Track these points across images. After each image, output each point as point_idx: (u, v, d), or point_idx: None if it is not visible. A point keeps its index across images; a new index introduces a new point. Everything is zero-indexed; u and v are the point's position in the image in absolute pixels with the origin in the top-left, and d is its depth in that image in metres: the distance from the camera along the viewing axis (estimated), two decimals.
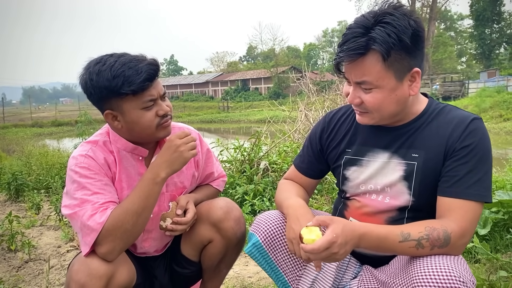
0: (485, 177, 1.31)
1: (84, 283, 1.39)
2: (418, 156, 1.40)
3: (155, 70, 1.50)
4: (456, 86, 33.74)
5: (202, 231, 1.73)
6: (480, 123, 1.36)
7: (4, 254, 3.19)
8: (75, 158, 1.55)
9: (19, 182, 5.07)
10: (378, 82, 1.31)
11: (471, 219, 1.29)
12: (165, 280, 1.82)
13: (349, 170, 1.56)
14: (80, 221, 1.43)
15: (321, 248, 1.22)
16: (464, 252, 2.80)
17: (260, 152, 4.97)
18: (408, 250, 1.28)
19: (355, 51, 1.28)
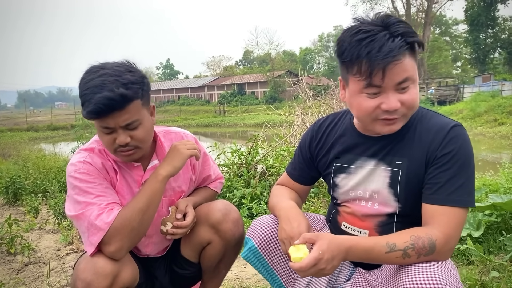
0: (467, 182, 1.34)
1: (90, 281, 1.42)
2: (402, 163, 1.43)
3: (107, 104, 1.41)
4: (451, 91, 33.92)
5: (201, 233, 1.78)
6: (460, 129, 1.38)
7: (3, 257, 3.21)
8: (74, 165, 1.58)
9: (17, 186, 5.10)
10: (415, 75, 1.33)
11: (455, 225, 1.31)
12: (165, 280, 1.86)
13: (339, 178, 1.60)
14: (87, 221, 1.47)
15: (308, 266, 1.26)
16: (458, 254, 2.85)
17: (257, 156, 5.02)
18: (395, 259, 1.31)
19: (399, 51, 1.26)
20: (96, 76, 1.44)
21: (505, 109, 24.13)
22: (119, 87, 1.43)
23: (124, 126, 1.50)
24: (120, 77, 1.46)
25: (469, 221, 3.12)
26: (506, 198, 3.17)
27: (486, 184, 4.11)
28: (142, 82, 1.51)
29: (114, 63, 1.54)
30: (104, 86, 1.42)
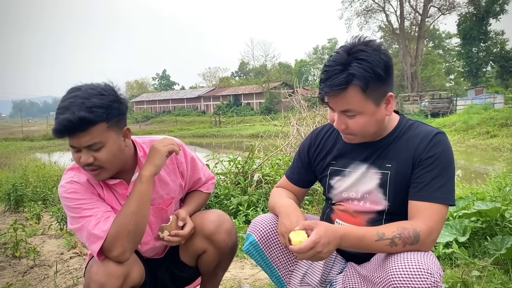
0: (448, 182, 1.52)
1: (103, 282, 1.55)
2: (391, 166, 1.61)
3: (66, 126, 1.48)
4: (445, 103, 34.30)
5: (196, 242, 1.90)
6: (442, 136, 1.58)
7: (9, 261, 3.33)
8: (63, 186, 1.67)
9: (18, 193, 5.20)
10: (360, 109, 1.52)
11: (437, 219, 1.48)
12: (166, 279, 1.99)
13: (334, 180, 1.76)
14: (86, 231, 1.57)
15: (307, 248, 1.41)
16: (444, 258, 3.00)
17: (253, 164, 5.17)
18: (384, 247, 1.47)
19: (338, 87, 1.47)
20: (69, 97, 1.54)
21: (497, 122, 24.43)
22: (81, 110, 1.48)
23: (87, 147, 1.55)
24: (88, 100, 1.52)
25: (455, 227, 3.28)
26: (491, 205, 3.33)
27: (474, 192, 4.28)
28: (109, 106, 1.55)
29: (90, 85, 1.61)
30: (69, 108, 1.49)
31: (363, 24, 44.88)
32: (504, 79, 43.65)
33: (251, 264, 3.11)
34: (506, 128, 23.58)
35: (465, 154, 20.25)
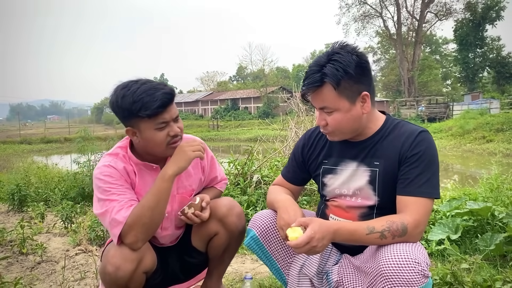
0: (432, 177, 1.64)
1: (119, 265, 1.69)
2: (379, 163, 1.73)
3: (169, 98, 1.76)
4: (441, 108, 34.52)
5: (209, 225, 2.03)
6: (426, 134, 1.70)
7: (16, 257, 3.43)
8: (100, 168, 1.83)
9: (22, 193, 5.31)
10: (335, 106, 1.66)
11: (423, 212, 1.60)
12: (176, 268, 2.11)
13: (326, 178, 1.89)
14: (109, 216, 1.72)
15: (303, 243, 1.53)
16: (437, 254, 3.12)
17: (253, 166, 5.29)
18: (374, 240, 1.59)
19: (313, 84, 1.65)
20: (139, 85, 1.74)
21: (493, 127, 24.62)
22: (165, 86, 1.79)
23: (175, 119, 1.82)
24: (158, 82, 1.82)
25: (448, 225, 3.40)
26: (482, 205, 3.46)
27: (467, 193, 4.41)
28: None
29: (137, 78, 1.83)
30: (156, 88, 1.75)
31: (360, 29, 45.20)
32: (500, 84, 43.96)
33: (251, 259, 3.23)
34: (502, 133, 23.76)
35: (461, 158, 20.39)
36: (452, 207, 3.76)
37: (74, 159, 6.72)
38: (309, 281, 1.84)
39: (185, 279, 2.21)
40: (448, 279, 2.21)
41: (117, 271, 1.70)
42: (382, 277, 1.51)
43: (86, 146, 6.60)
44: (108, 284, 1.78)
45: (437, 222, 3.55)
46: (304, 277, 1.85)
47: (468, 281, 2.16)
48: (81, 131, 6.67)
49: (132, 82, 1.79)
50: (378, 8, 43.34)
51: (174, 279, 2.14)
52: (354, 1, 43.55)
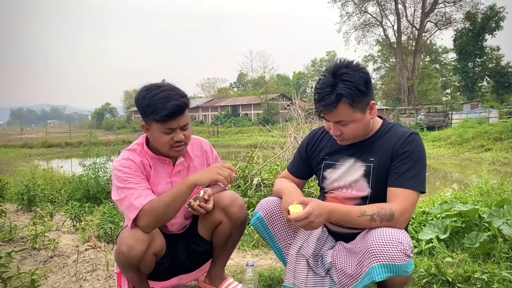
0: (420, 173, 1.88)
1: (132, 245, 1.92)
2: (374, 159, 1.98)
3: (178, 109, 1.97)
4: (440, 117, 34.71)
5: (214, 214, 2.25)
6: (415, 136, 1.95)
7: (29, 252, 3.63)
8: (119, 161, 2.09)
9: (31, 193, 5.50)
10: (351, 119, 1.89)
11: (409, 202, 1.84)
12: (183, 256, 2.32)
13: (327, 172, 2.13)
14: (127, 201, 1.95)
15: (302, 217, 1.77)
16: (426, 252, 3.31)
17: (253, 169, 5.49)
18: (365, 222, 1.83)
19: (330, 105, 1.85)
20: (159, 91, 1.97)
21: (491, 136, 24.82)
22: (180, 98, 2.00)
23: (182, 127, 2.05)
24: (177, 91, 2.03)
25: (438, 226, 3.60)
26: (470, 207, 3.67)
27: (458, 197, 4.62)
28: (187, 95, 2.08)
29: (163, 83, 2.09)
30: (171, 97, 1.97)
31: (361, 37, 45.54)
32: (500, 94, 44.20)
33: (252, 254, 3.43)
34: (500, 142, 23.97)
35: (460, 167, 20.57)
36: (443, 209, 3.96)
37: (79, 162, 6.92)
38: (306, 262, 2.07)
39: (191, 268, 2.42)
40: (432, 271, 2.41)
41: (130, 250, 1.93)
42: (369, 253, 1.74)
43: (91, 150, 6.80)
44: (121, 264, 2.01)
45: (427, 223, 3.75)
46: (302, 257, 2.08)
47: (451, 273, 2.36)
48: (87, 135, 6.86)
49: (155, 86, 2.03)
50: (378, 17, 43.77)
51: (181, 267, 2.35)
52: (355, 10, 44.01)
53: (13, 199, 6.27)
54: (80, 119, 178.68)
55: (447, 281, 2.33)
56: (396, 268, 1.70)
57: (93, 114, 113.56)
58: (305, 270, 2.06)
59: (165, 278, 2.37)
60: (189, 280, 2.54)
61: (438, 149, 25.82)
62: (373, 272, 1.72)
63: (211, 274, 2.42)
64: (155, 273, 2.22)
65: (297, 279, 2.07)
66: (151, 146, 2.17)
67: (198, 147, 2.37)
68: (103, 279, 2.87)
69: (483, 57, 45.02)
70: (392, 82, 57.59)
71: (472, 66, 45.29)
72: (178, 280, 2.46)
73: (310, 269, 2.06)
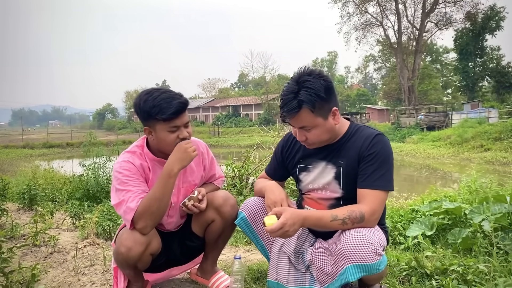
0: (387, 173, 1.99)
1: (131, 247, 2.04)
2: (343, 162, 2.08)
3: (182, 107, 2.09)
4: (440, 117, 34.81)
5: (207, 213, 2.37)
6: (381, 137, 2.05)
7: (30, 248, 3.75)
8: (119, 163, 2.18)
9: (32, 192, 5.64)
10: (313, 124, 1.99)
11: (378, 202, 1.96)
12: (177, 251, 2.44)
13: (302, 175, 2.25)
14: (124, 205, 2.06)
15: (276, 228, 1.87)
16: (413, 248, 3.43)
17: (249, 169, 5.62)
18: (337, 226, 1.94)
19: (292, 111, 1.96)
20: (159, 93, 2.09)
21: (491, 136, 24.92)
22: (181, 97, 2.12)
23: (185, 124, 2.15)
24: (176, 92, 2.15)
25: (425, 223, 3.72)
26: (456, 204, 3.79)
27: (447, 195, 4.73)
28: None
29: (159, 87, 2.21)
30: (173, 97, 2.09)
31: (361, 38, 45.58)
32: (500, 94, 44.22)
33: (243, 250, 3.56)
34: (500, 142, 24.07)
35: (459, 166, 20.65)
36: (431, 207, 4.08)
37: (79, 162, 7.06)
38: (287, 258, 2.19)
39: (184, 262, 2.55)
40: (412, 264, 2.53)
41: (129, 252, 2.04)
42: (342, 255, 1.86)
43: (91, 150, 6.94)
44: (120, 263, 2.13)
45: (415, 220, 3.87)
46: (283, 254, 2.20)
47: (429, 266, 2.48)
48: (87, 135, 6.99)
49: (155, 90, 2.14)
50: (378, 17, 43.82)
51: (175, 261, 2.48)
52: (355, 10, 44.07)
53: (15, 198, 6.41)
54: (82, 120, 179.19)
55: (425, 273, 2.45)
56: (368, 268, 1.82)
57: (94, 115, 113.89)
58: (287, 266, 2.18)
59: (159, 270, 2.51)
60: (182, 271, 2.68)
61: (438, 149, 25.93)
62: (347, 272, 1.84)
63: (203, 268, 2.55)
64: (150, 267, 2.34)
65: (279, 275, 2.19)
66: (151, 148, 2.25)
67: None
68: (100, 273, 2.99)
69: (483, 57, 45.02)
70: (392, 82, 57.61)
71: (472, 66, 45.31)
72: (171, 271, 2.60)
73: (292, 265, 2.19)
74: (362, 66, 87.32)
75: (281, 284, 2.18)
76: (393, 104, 57.07)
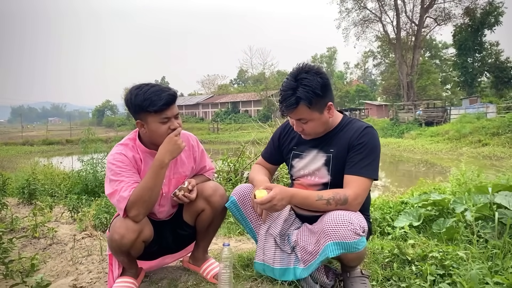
0: (373, 163, 2.13)
1: (123, 234, 2.15)
2: (333, 150, 2.23)
3: (171, 99, 2.22)
4: (439, 112, 34.88)
5: (197, 203, 2.48)
6: (370, 129, 2.19)
7: (30, 240, 3.87)
8: (113, 155, 2.29)
9: (32, 187, 5.76)
10: (309, 118, 2.14)
11: (362, 188, 2.09)
12: (169, 239, 2.55)
13: (294, 161, 2.39)
14: (117, 194, 2.17)
15: (266, 201, 2.03)
16: (400, 238, 3.54)
17: (244, 163, 5.73)
18: (322, 206, 2.08)
19: (291, 107, 2.11)
20: (149, 87, 2.21)
21: (489, 131, 25.02)
22: (169, 90, 2.25)
23: (175, 116, 2.28)
24: (165, 86, 2.29)
25: (412, 214, 3.84)
26: (443, 196, 3.91)
27: (436, 188, 4.85)
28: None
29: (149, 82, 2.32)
30: (163, 90, 2.22)
31: (360, 33, 45.55)
32: (499, 89, 44.32)
33: (235, 240, 3.69)
34: (497, 137, 24.16)
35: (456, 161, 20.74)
36: (420, 199, 4.20)
37: (78, 158, 7.17)
38: (273, 240, 2.33)
39: (176, 250, 2.66)
40: (395, 251, 2.65)
41: (122, 239, 2.16)
42: (324, 233, 2.00)
43: (90, 146, 7.05)
44: (113, 249, 2.24)
45: (403, 211, 3.99)
46: (270, 236, 2.34)
47: (411, 253, 2.60)
48: (85, 131, 7.10)
49: (144, 84, 2.26)
50: (377, 13, 43.76)
51: (167, 249, 2.59)
52: (354, 5, 44.02)
53: (14, 193, 6.53)
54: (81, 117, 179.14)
55: (407, 260, 2.56)
56: (347, 246, 1.96)
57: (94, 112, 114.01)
58: (273, 247, 2.32)
59: (152, 258, 2.62)
60: (175, 259, 2.79)
61: (436, 144, 26.03)
62: (328, 249, 1.99)
63: (194, 256, 2.66)
64: (143, 255, 2.45)
65: (266, 256, 2.33)
66: (143, 141, 2.36)
67: (185, 142, 2.54)
68: (97, 262, 3.10)
69: (482, 52, 45.01)
70: (391, 78, 57.67)
71: (471, 62, 45.30)
72: (164, 259, 2.71)
73: (278, 247, 2.32)
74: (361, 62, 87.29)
75: (267, 265, 2.32)
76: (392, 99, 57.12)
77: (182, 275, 2.63)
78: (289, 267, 2.27)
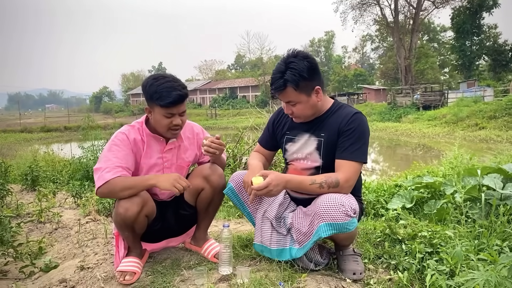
0: (363, 147, 2.25)
1: (128, 207, 2.29)
2: (324, 135, 2.34)
3: (179, 99, 2.34)
4: (436, 96, 34.86)
5: (197, 182, 2.60)
6: (359, 115, 2.30)
7: (36, 225, 4.01)
8: (116, 133, 2.48)
9: (34, 174, 5.87)
10: (297, 100, 2.26)
11: (353, 172, 2.22)
12: (172, 220, 2.68)
13: (288, 145, 2.51)
14: (100, 172, 2.30)
15: (262, 187, 2.15)
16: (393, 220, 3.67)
17: (242, 149, 5.85)
18: (315, 189, 2.21)
19: (279, 89, 2.24)
20: (164, 81, 2.34)
21: (485, 114, 25.10)
22: (182, 89, 2.37)
23: (180, 113, 2.42)
24: (180, 83, 2.40)
25: (405, 196, 3.97)
26: (435, 179, 4.04)
27: (430, 171, 4.98)
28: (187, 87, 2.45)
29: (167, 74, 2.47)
30: (175, 88, 2.34)
31: (358, 17, 45.36)
32: (497, 72, 44.29)
33: (234, 222, 3.82)
34: (494, 120, 24.25)
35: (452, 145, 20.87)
36: (414, 182, 4.33)
37: (79, 145, 7.28)
38: (270, 223, 2.46)
39: (178, 231, 2.80)
40: (386, 231, 2.78)
41: (126, 212, 2.30)
42: (317, 215, 2.13)
43: (90, 133, 7.15)
44: (118, 223, 2.39)
45: (396, 194, 4.12)
46: (266, 219, 2.47)
47: (402, 233, 2.73)
48: (85, 118, 7.20)
49: (161, 77, 2.41)
50: None
51: (170, 230, 2.72)
52: None
53: (17, 180, 6.65)
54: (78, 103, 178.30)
55: (398, 239, 2.70)
56: (339, 226, 2.10)
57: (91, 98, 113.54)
58: (270, 230, 2.46)
59: (156, 241, 2.75)
60: (177, 243, 2.92)
61: (433, 128, 26.14)
62: (320, 230, 2.13)
63: (195, 236, 2.80)
64: (147, 236, 2.59)
65: (263, 237, 2.47)
66: (150, 126, 2.52)
67: (189, 131, 2.72)
68: (102, 245, 3.24)
69: (480, 35, 44.84)
70: (389, 61, 57.49)
71: (469, 45, 45.14)
72: (167, 242, 2.84)
73: (274, 229, 2.46)
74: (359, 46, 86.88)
75: (265, 246, 2.47)
76: (391, 83, 57.06)
77: (184, 255, 2.76)
78: (285, 247, 2.40)
